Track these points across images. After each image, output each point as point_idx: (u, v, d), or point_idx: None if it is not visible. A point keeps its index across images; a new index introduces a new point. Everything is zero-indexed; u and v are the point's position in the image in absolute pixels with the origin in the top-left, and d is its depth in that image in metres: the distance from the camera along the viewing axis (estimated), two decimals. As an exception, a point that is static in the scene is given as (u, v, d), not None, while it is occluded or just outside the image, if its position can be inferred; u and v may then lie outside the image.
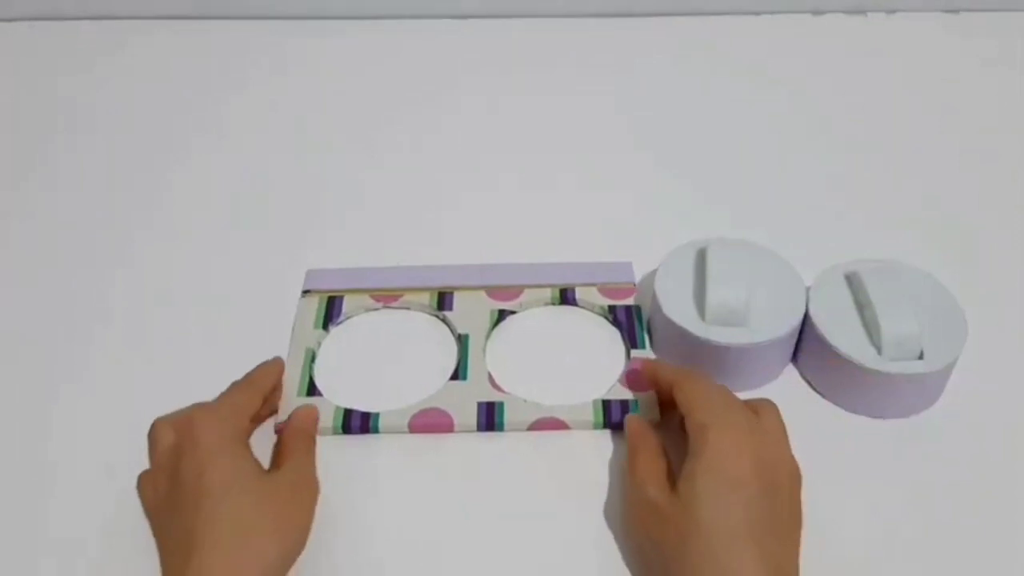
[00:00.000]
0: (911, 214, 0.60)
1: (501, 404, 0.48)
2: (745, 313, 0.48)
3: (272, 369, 0.49)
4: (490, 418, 0.48)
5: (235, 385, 0.46)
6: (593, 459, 0.47)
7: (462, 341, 0.51)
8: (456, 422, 0.47)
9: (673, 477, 0.43)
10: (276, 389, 0.48)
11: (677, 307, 0.49)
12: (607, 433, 0.48)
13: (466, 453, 0.47)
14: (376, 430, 0.48)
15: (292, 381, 0.49)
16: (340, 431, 0.48)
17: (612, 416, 0.48)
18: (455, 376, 0.50)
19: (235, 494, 0.39)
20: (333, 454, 0.47)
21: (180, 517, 0.39)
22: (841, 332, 0.48)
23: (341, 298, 0.54)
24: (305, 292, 0.55)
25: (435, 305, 0.53)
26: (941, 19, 0.71)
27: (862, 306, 0.49)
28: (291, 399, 0.49)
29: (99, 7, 0.67)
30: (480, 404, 0.48)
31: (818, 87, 0.67)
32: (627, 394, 0.49)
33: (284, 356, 0.50)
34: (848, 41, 0.70)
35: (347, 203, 0.60)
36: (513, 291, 0.54)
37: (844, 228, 0.59)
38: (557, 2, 0.69)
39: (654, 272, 0.51)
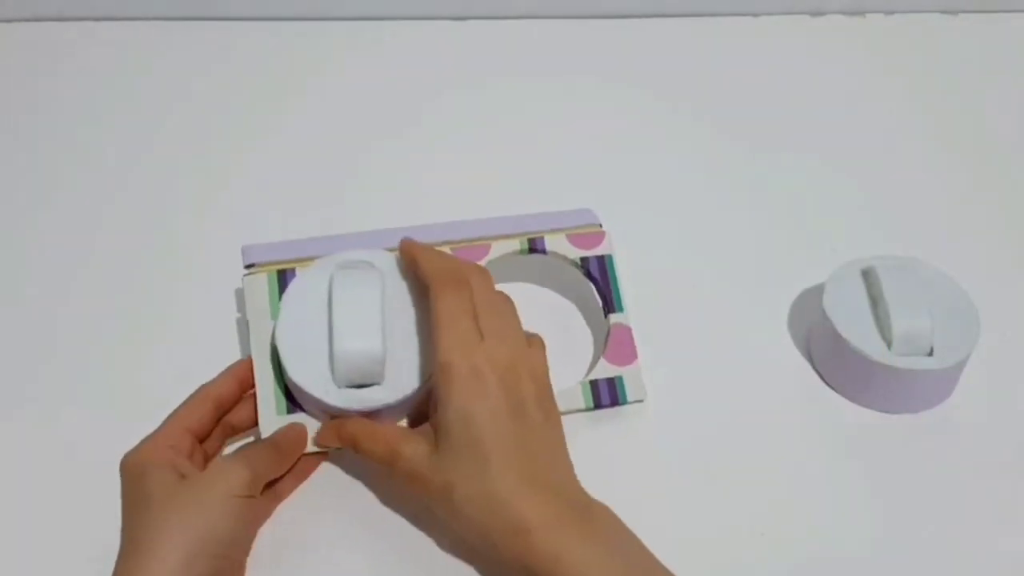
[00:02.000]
0: (909, 214, 0.60)
1: None
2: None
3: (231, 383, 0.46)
4: None
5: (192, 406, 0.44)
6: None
7: None
8: None
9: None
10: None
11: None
12: (598, 414, 0.48)
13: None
14: None
15: (267, 397, 0.46)
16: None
17: (601, 398, 0.48)
18: None
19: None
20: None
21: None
22: (853, 325, 0.49)
23: (292, 271, 0.48)
24: (248, 267, 0.48)
25: None
26: (941, 20, 0.71)
27: (875, 301, 0.50)
28: (270, 419, 0.45)
29: (99, 7, 0.67)
30: None
31: (817, 88, 0.67)
32: (612, 370, 0.48)
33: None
34: (847, 42, 0.70)
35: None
36: (480, 246, 0.50)
37: (844, 228, 0.59)
38: (556, 3, 0.69)
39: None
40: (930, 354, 0.48)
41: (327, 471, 0.47)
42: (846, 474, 0.48)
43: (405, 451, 0.41)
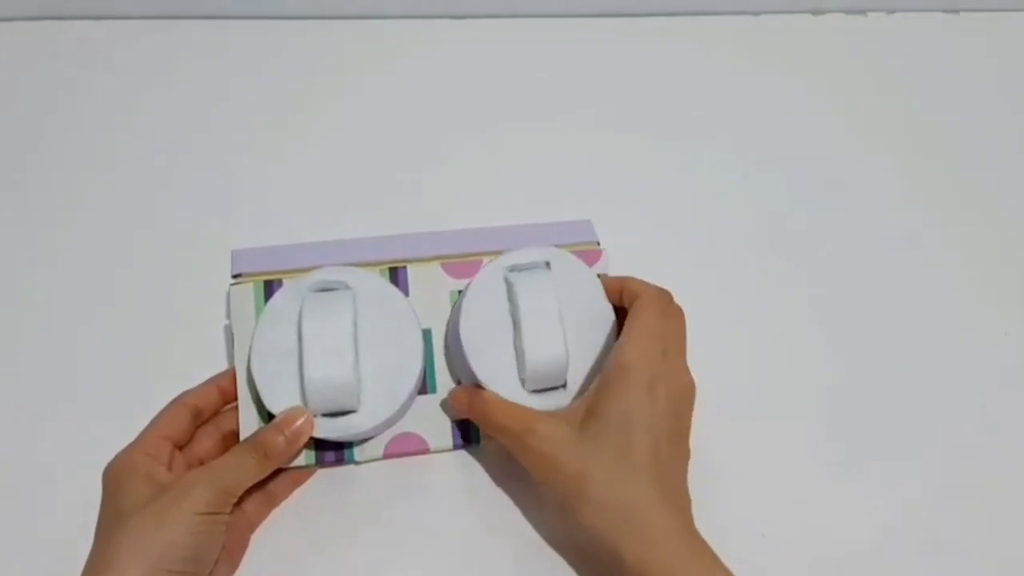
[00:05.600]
0: (908, 213, 0.60)
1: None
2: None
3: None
4: (466, 434, 0.47)
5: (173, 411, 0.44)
6: None
7: (425, 338, 0.47)
8: (431, 445, 0.47)
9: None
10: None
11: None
12: None
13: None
14: (352, 461, 0.46)
15: (248, 409, 0.45)
16: (313, 465, 0.46)
17: None
18: (423, 387, 0.47)
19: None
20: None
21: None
22: (488, 359, 0.46)
23: (279, 283, 0.47)
24: (236, 276, 0.48)
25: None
26: (941, 19, 0.71)
27: (515, 323, 0.47)
28: (252, 432, 0.44)
29: (99, 7, 0.67)
30: (454, 422, 0.47)
31: (817, 87, 0.67)
32: None
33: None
34: (848, 41, 0.70)
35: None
36: (471, 263, 0.49)
37: (840, 225, 0.59)
38: (556, 2, 0.69)
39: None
40: (564, 386, 0.46)
41: (325, 475, 0.47)
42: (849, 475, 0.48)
43: (540, 429, 0.42)
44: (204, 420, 0.46)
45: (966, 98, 0.67)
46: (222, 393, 0.46)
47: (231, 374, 0.46)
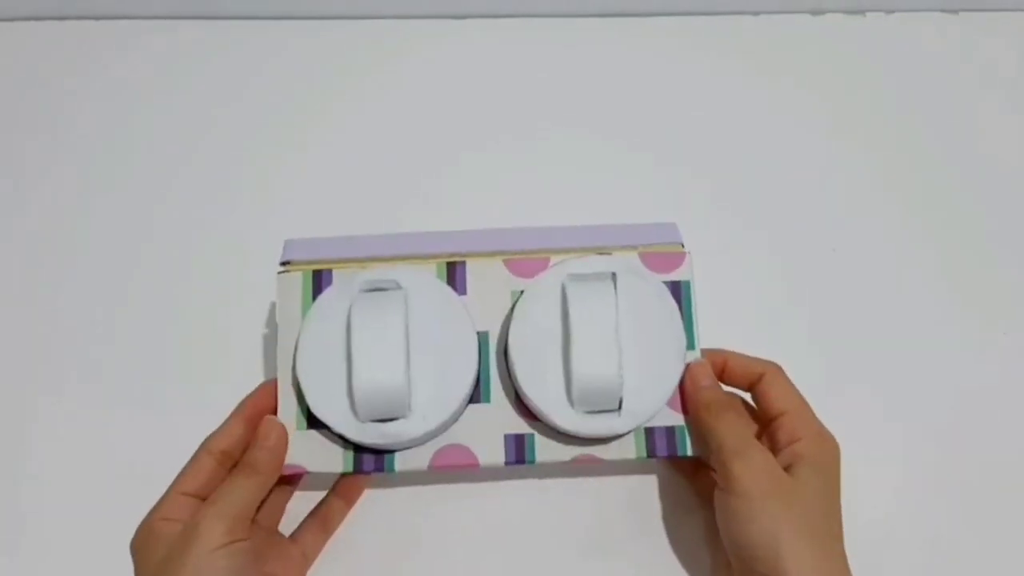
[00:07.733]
0: (908, 214, 0.60)
1: (531, 437, 0.43)
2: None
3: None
4: (519, 453, 0.43)
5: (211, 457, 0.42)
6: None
7: (481, 342, 0.44)
8: (481, 460, 0.43)
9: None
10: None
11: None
12: (650, 464, 0.47)
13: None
14: (392, 470, 0.43)
15: (288, 408, 0.43)
16: (351, 472, 0.43)
17: (656, 447, 0.43)
18: (475, 395, 0.44)
19: None
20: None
21: None
22: (536, 372, 0.43)
23: (329, 272, 0.44)
24: (284, 264, 0.45)
25: (444, 281, 0.45)
26: (941, 19, 0.71)
27: (566, 333, 0.43)
28: (289, 434, 0.42)
29: (99, 7, 0.67)
30: (507, 437, 0.43)
31: (817, 87, 0.67)
32: (673, 419, 0.43)
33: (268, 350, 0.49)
34: (847, 41, 0.70)
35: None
36: (537, 261, 0.45)
37: (840, 226, 0.59)
38: (557, 2, 0.69)
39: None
40: (619, 409, 0.43)
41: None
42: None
43: (754, 455, 0.41)
44: (236, 459, 0.43)
45: (966, 98, 0.67)
46: (248, 423, 0.43)
47: (255, 399, 0.44)
